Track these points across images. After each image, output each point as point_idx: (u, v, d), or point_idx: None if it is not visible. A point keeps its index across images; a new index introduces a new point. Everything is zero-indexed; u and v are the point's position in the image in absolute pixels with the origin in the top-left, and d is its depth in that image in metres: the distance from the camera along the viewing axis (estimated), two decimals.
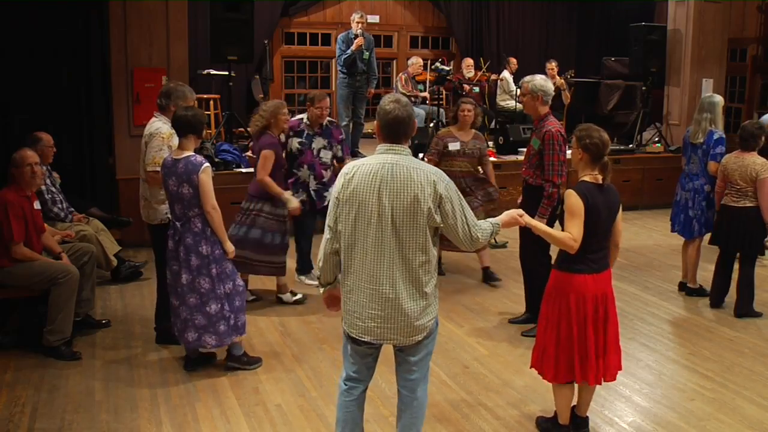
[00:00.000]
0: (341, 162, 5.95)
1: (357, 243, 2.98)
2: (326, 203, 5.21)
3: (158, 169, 4.49)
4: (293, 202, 5.50)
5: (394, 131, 2.98)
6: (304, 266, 6.26)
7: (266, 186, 5.39)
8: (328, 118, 5.98)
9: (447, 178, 3.00)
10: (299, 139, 5.84)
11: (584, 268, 3.47)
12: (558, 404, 3.70)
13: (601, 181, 3.48)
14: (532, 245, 4.88)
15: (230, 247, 4.39)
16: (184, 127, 4.26)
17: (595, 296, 3.48)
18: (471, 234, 3.03)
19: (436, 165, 5.15)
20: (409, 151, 3.03)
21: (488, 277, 6.34)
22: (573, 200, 3.42)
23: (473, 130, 6.19)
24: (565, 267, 3.51)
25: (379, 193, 2.92)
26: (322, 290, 3.25)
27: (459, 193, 3.03)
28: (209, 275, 4.29)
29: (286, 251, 5.58)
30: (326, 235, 3.08)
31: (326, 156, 5.93)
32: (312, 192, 5.89)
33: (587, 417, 3.79)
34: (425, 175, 2.93)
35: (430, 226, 2.95)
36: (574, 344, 3.48)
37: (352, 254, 3.00)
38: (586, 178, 3.50)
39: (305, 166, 5.86)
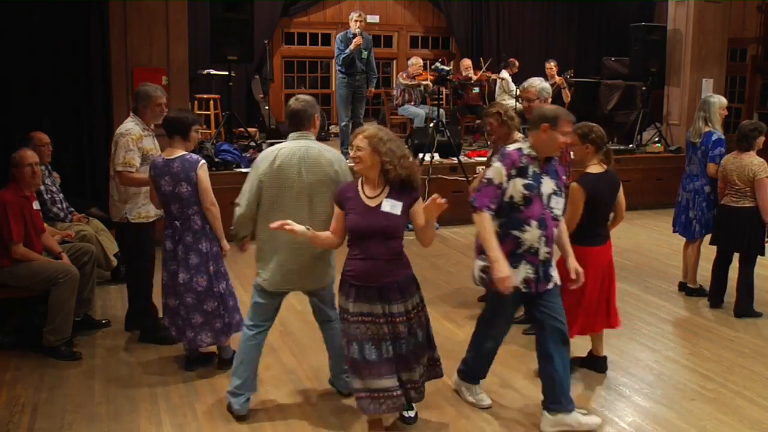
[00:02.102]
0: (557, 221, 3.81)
1: (278, 212, 3.65)
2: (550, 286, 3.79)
3: (130, 169, 4.57)
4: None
5: (298, 121, 3.76)
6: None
7: None
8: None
9: (344, 159, 3.81)
10: (525, 181, 3.64)
11: (597, 241, 4.23)
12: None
13: (605, 168, 4.19)
14: None
15: (227, 244, 4.41)
16: (168, 128, 4.32)
17: (604, 264, 4.26)
18: None
19: None
20: (314, 137, 3.79)
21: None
22: (577, 192, 4.12)
23: (512, 137, 5.03)
24: (579, 242, 4.10)
25: (299, 169, 3.66)
26: (237, 242, 3.96)
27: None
28: (207, 273, 4.30)
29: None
30: (243, 206, 3.75)
31: (557, 206, 3.75)
32: (540, 268, 3.72)
33: (605, 356, 4.56)
34: (331, 155, 3.75)
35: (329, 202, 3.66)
36: (586, 302, 4.21)
37: (272, 221, 3.53)
38: (592, 169, 4.19)
39: (533, 223, 3.67)
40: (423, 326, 3.60)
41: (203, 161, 4.31)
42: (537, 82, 5.04)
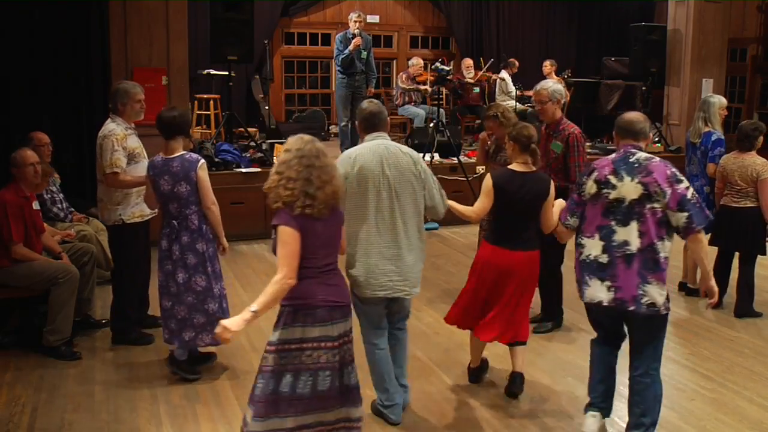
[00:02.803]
0: None
1: (365, 211, 3.62)
2: None
3: (117, 170, 4.55)
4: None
5: (376, 122, 3.75)
6: None
7: None
8: None
9: (420, 156, 3.82)
10: None
11: (501, 242, 4.00)
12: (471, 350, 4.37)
13: (530, 167, 3.98)
14: (551, 257, 4.75)
15: (226, 243, 4.41)
16: (168, 129, 4.27)
17: (499, 268, 3.97)
18: (443, 198, 3.82)
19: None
20: (388, 137, 3.78)
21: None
22: (486, 182, 4.00)
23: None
24: (488, 238, 4.12)
25: (382, 167, 3.61)
26: None
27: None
28: (205, 273, 4.28)
29: None
30: None
31: None
32: None
33: (520, 373, 4.20)
34: (408, 151, 3.75)
35: (418, 193, 3.70)
36: (473, 300, 4.08)
37: (361, 221, 3.61)
38: (513, 166, 4.01)
39: None
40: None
41: (203, 161, 4.30)
42: (549, 84, 5.05)
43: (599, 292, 3.46)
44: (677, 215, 3.38)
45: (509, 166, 4.05)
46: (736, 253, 5.64)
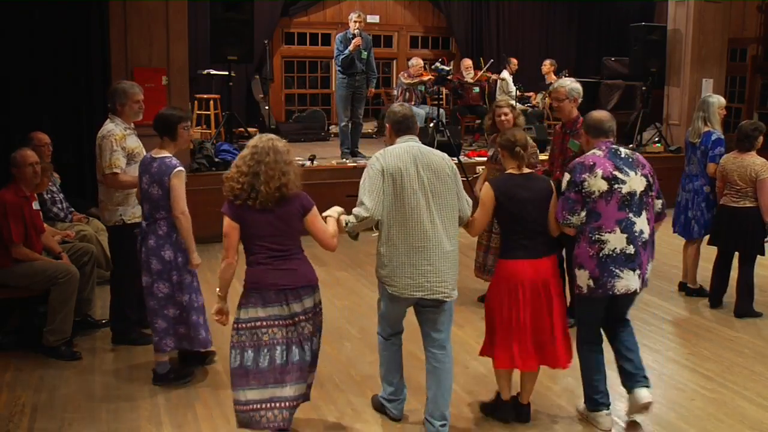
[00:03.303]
0: None
1: (403, 211, 3.56)
2: None
3: (117, 171, 4.52)
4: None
5: (409, 125, 3.73)
6: None
7: None
8: None
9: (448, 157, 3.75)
10: None
11: (520, 254, 3.72)
12: (499, 384, 3.96)
13: (523, 170, 3.83)
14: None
15: (197, 258, 4.25)
16: (156, 127, 4.26)
17: (534, 282, 3.68)
18: (468, 203, 3.76)
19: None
20: (418, 139, 3.74)
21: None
22: (485, 191, 3.83)
23: None
24: (503, 254, 3.82)
25: (416, 168, 3.57)
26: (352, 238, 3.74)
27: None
28: (169, 281, 4.22)
29: None
30: (371, 207, 3.52)
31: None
32: None
33: (528, 404, 3.94)
34: (439, 153, 3.73)
35: (452, 193, 3.64)
36: (513, 329, 3.70)
37: (396, 222, 3.57)
38: (510, 170, 3.86)
39: None
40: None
41: (180, 168, 4.15)
42: (567, 83, 5.09)
43: (632, 281, 3.68)
44: (656, 202, 3.82)
45: (507, 171, 3.89)
46: (736, 253, 5.63)
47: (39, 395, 4.18)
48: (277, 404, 3.42)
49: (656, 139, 10.14)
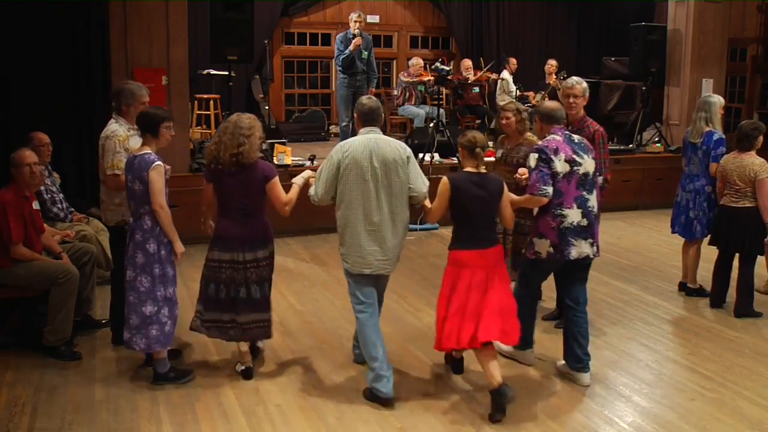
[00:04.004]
0: None
1: (356, 197, 4.05)
2: None
3: (117, 172, 4.52)
4: None
5: (374, 117, 4.19)
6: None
7: None
8: None
9: (407, 148, 4.20)
10: None
11: (470, 245, 4.06)
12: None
13: (481, 169, 4.10)
14: None
15: (180, 246, 4.34)
16: (140, 124, 4.35)
17: (481, 269, 4.03)
18: (424, 182, 4.21)
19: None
20: (380, 131, 4.19)
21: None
22: (442, 184, 4.09)
23: (523, 136, 5.24)
24: (454, 245, 4.12)
25: (371, 157, 4.04)
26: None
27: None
28: (151, 274, 4.25)
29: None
30: (319, 194, 4.12)
31: None
32: None
33: (503, 385, 3.91)
34: (396, 143, 4.18)
35: (403, 181, 4.11)
36: (460, 311, 3.98)
37: (351, 207, 4.07)
38: (467, 168, 4.12)
39: None
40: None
41: (158, 163, 4.22)
42: (580, 80, 5.03)
43: (585, 248, 4.27)
44: (599, 179, 4.49)
45: (464, 169, 4.15)
46: (737, 253, 5.63)
47: (39, 395, 4.18)
48: (231, 325, 4.30)
49: (656, 139, 10.14)
